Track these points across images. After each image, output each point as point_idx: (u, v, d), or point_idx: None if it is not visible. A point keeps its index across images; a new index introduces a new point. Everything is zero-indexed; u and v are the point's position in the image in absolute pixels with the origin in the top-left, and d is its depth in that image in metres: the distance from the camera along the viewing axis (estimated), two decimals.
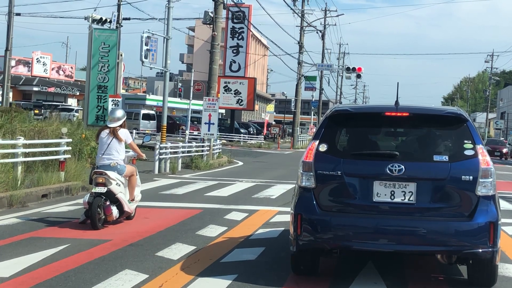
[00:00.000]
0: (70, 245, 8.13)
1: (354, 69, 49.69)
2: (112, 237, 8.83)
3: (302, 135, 55.07)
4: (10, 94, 37.74)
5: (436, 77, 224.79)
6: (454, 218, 6.23)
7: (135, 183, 10.26)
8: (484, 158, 6.32)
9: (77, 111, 46.70)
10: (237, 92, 50.38)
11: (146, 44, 21.29)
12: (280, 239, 9.09)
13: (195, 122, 44.54)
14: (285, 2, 70.35)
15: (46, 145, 14.58)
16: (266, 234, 9.56)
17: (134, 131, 32.84)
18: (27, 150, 13.39)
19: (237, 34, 52.80)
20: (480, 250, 6.16)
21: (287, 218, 9.85)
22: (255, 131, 56.80)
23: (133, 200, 10.24)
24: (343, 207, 6.41)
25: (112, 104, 24.01)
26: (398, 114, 6.68)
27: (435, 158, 6.38)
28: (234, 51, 52.57)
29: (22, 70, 60.96)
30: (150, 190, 14.62)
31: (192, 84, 43.44)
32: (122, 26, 32.38)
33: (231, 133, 49.65)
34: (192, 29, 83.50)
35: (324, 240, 6.37)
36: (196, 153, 24.00)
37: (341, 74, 73.77)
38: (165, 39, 22.58)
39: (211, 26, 26.03)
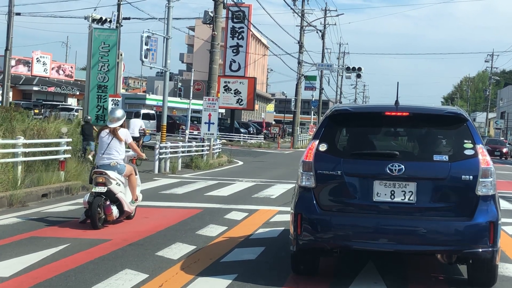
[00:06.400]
0: (70, 244, 8.13)
1: (354, 68, 49.71)
2: (112, 236, 8.83)
3: (302, 134, 55.07)
4: (10, 94, 37.74)
5: (436, 77, 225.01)
6: (454, 217, 6.23)
7: (135, 183, 10.25)
8: (484, 157, 6.32)
9: (77, 110, 46.67)
10: (237, 92, 50.37)
11: (146, 44, 21.29)
12: (280, 239, 9.09)
13: (195, 122, 44.52)
14: (285, 1, 70.23)
15: (46, 145, 14.58)
16: (266, 233, 9.56)
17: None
18: (27, 150, 13.39)
19: (237, 34, 52.79)
20: (480, 250, 6.16)
21: (287, 217, 9.85)
22: (255, 131, 56.79)
23: (136, 200, 10.24)
24: (343, 206, 6.41)
25: (112, 104, 24.00)
26: (398, 113, 6.68)
27: (435, 158, 6.38)
28: (234, 51, 52.56)
29: (22, 70, 60.93)
30: (150, 190, 14.62)
31: (192, 84, 43.43)
32: (122, 25, 32.40)
33: (231, 133, 49.65)
34: (192, 28, 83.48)
35: (324, 240, 6.37)
36: (196, 153, 24.00)
37: (341, 73, 73.77)
38: (165, 39, 22.58)
39: (211, 25, 26.02)
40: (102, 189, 9.57)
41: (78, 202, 11.90)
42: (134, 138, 19.53)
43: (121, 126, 10.07)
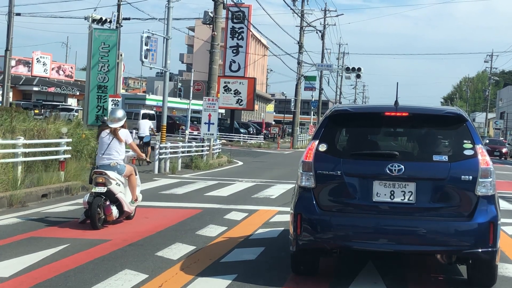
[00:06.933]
0: (70, 245, 8.14)
1: (353, 69, 49.71)
2: (112, 237, 8.84)
3: (301, 135, 55.07)
4: (10, 94, 37.75)
5: (436, 77, 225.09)
6: (454, 218, 6.23)
7: (135, 183, 10.26)
8: (483, 158, 6.33)
9: (77, 111, 46.71)
10: (237, 92, 50.38)
11: (146, 44, 21.29)
12: (280, 239, 9.09)
13: (195, 122, 44.54)
14: (285, 2, 70.30)
15: (46, 145, 14.59)
16: (266, 234, 9.56)
17: (134, 131, 32.81)
18: (27, 150, 13.39)
19: (237, 34, 52.78)
20: (480, 250, 6.16)
21: (287, 218, 9.86)
22: (254, 131, 56.82)
23: (136, 200, 10.24)
24: (343, 207, 6.42)
25: (112, 104, 24.01)
26: (398, 114, 6.68)
27: (435, 158, 6.38)
28: (234, 51, 52.56)
29: (22, 70, 60.98)
30: (150, 190, 14.62)
31: (192, 84, 43.49)
32: (122, 26, 32.42)
33: (231, 133, 49.66)
34: (192, 29, 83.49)
35: (324, 240, 6.37)
36: (196, 153, 24.00)
37: (340, 74, 73.76)
38: (165, 39, 22.58)
39: (211, 26, 26.03)
40: (102, 189, 9.57)
41: (78, 202, 11.90)
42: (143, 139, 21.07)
43: (122, 126, 10.08)
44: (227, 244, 8.59)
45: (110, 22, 31.08)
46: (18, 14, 35.01)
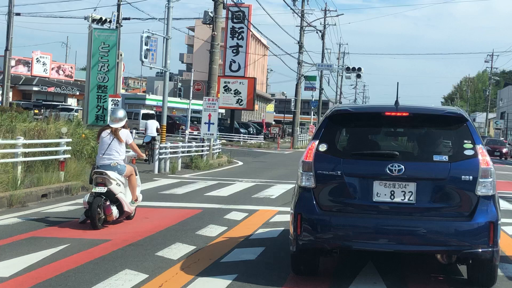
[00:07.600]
0: (70, 245, 8.14)
1: (354, 69, 49.74)
2: (112, 237, 8.84)
3: (302, 135, 55.06)
4: (10, 94, 37.77)
5: (436, 77, 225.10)
6: (454, 218, 6.23)
7: (135, 183, 10.26)
8: (484, 158, 6.33)
9: (77, 111, 46.72)
10: (237, 92, 50.37)
11: (146, 44, 21.29)
12: (280, 239, 9.09)
13: (195, 122, 44.53)
14: (285, 2, 70.14)
15: (46, 145, 14.59)
16: (266, 234, 9.56)
17: (134, 131, 32.86)
18: (27, 150, 13.39)
19: (237, 34, 52.77)
20: (480, 250, 6.16)
21: (287, 218, 9.86)
22: (255, 131, 56.81)
23: (136, 200, 10.24)
24: (343, 207, 6.41)
25: (112, 104, 24.02)
26: (398, 114, 6.68)
27: (435, 158, 6.38)
28: (234, 51, 52.54)
29: (22, 70, 61.01)
30: (150, 190, 14.62)
31: (192, 84, 43.45)
32: (122, 26, 32.39)
33: (231, 133, 49.65)
34: (192, 29, 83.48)
35: (324, 240, 6.37)
36: (196, 153, 24.00)
37: (341, 74, 73.77)
38: (165, 39, 22.58)
39: (211, 26, 26.03)
40: (102, 189, 9.57)
41: (78, 202, 11.90)
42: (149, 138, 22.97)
43: (123, 126, 10.08)
44: (227, 244, 8.59)
45: (110, 22, 31.08)
46: (18, 14, 35.02)
